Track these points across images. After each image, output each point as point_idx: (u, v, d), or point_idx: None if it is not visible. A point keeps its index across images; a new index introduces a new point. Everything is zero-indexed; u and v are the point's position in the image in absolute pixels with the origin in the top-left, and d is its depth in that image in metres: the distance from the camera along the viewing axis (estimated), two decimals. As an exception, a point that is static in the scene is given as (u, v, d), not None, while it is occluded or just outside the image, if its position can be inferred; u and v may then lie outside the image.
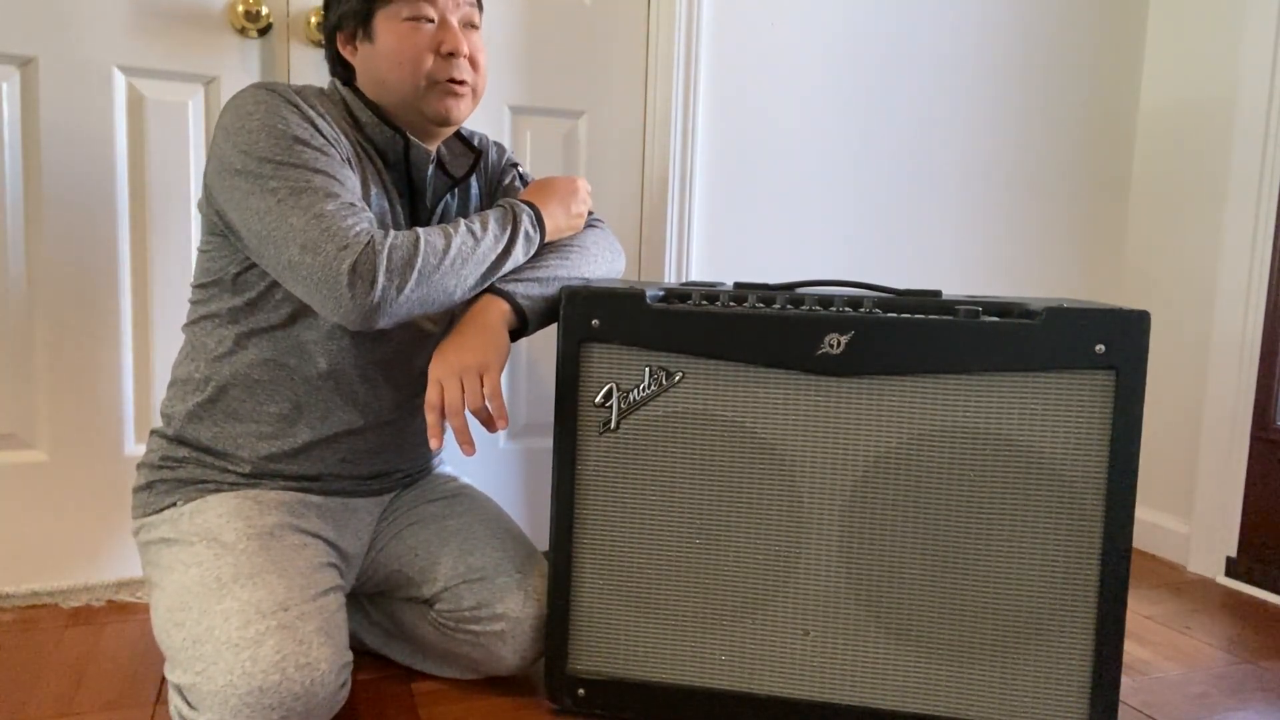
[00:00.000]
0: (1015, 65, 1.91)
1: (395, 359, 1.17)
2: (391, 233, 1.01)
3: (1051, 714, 1.04)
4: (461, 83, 1.12)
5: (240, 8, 1.42)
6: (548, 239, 1.17)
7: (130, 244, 1.43)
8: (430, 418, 1.04)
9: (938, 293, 1.12)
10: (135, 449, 1.46)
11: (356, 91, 1.14)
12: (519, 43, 1.62)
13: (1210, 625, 1.55)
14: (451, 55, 1.10)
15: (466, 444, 1.03)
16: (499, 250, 1.09)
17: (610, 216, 1.72)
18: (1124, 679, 1.32)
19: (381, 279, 0.97)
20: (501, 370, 1.06)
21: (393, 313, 1.00)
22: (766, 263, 1.77)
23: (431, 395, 1.04)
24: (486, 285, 1.10)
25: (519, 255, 1.12)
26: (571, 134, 1.68)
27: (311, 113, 1.06)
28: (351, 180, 1.05)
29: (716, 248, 1.72)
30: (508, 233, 1.10)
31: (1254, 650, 1.45)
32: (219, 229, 1.09)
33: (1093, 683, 1.03)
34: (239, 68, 1.45)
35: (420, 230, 1.03)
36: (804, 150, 1.77)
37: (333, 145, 1.05)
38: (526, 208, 1.13)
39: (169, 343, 1.47)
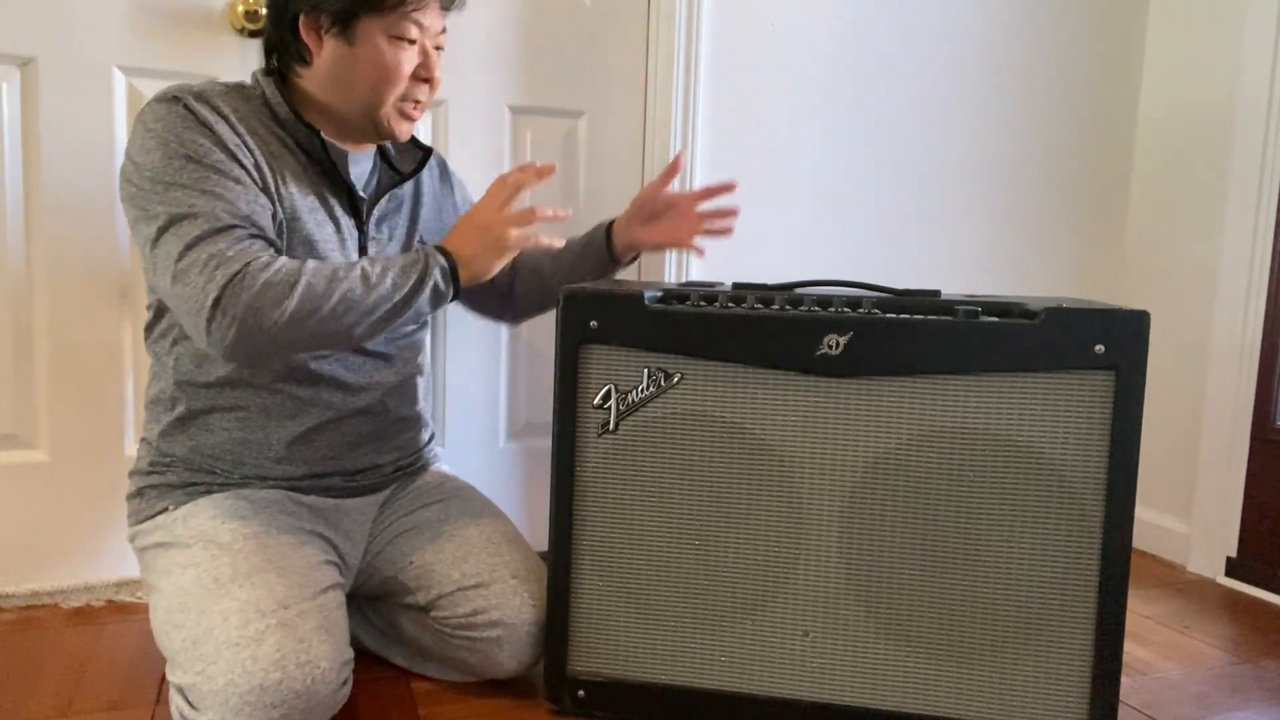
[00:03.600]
0: (1016, 65, 1.91)
1: (348, 352, 1.17)
2: (271, 267, 0.96)
3: (1051, 714, 1.04)
4: (421, 104, 1.13)
5: (240, 8, 1.42)
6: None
7: (130, 244, 1.43)
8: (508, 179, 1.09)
9: (937, 293, 1.12)
10: (135, 449, 1.46)
11: (280, 86, 1.12)
12: (519, 43, 1.62)
13: (1210, 625, 1.55)
14: (426, 81, 1.11)
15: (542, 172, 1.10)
16: (395, 300, 1.02)
17: (610, 216, 1.71)
18: (1124, 679, 1.32)
19: (243, 316, 0.94)
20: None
21: (257, 350, 0.97)
22: (766, 263, 1.77)
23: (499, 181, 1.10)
24: (392, 328, 1.05)
25: (424, 307, 1.06)
26: (571, 134, 1.68)
27: (212, 117, 1.02)
28: (246, 197, 1.01)
29: (716, 248, 1.72)
30: (410, 283, 1.04)
31: (1254, 650, 1.45)
32: None
33: (1093, 683, 1.03)
34: (239, 68, 1.45)
35: (309, 267, 0.98)
36: (803, 150, 1.77)
37: (234, 157, 1.02)
38: (442, 260, 1.06)
39: (169, 343, 1.47)
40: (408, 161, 1.26)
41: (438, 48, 1.13)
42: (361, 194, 1.17)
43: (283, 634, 0.95)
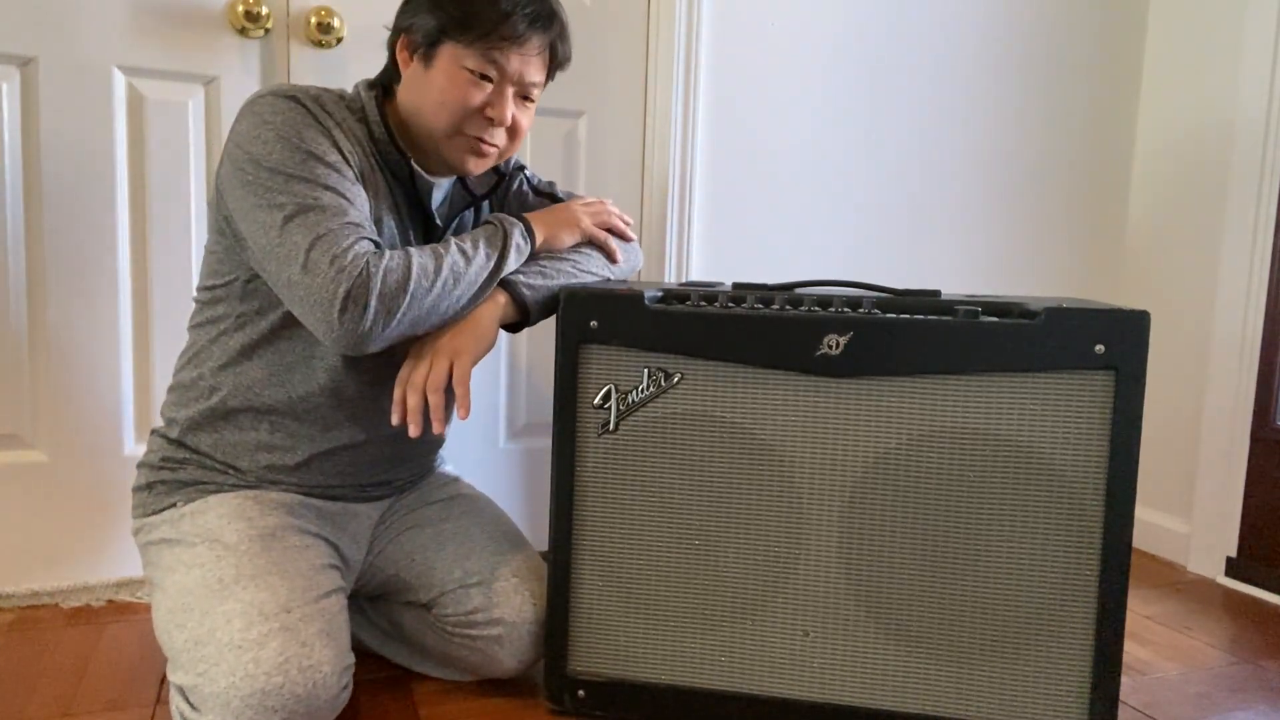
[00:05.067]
0: (1016, 63, 1.91)
1: (396, 375, 1.16)
2: (387, 255, 0.99)
3: (1051, 714, 1.04)
4: (492, 145, 1.12)
5: (240, 8, 1.42)
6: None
7: (130, 244, 1.43)
8: (396, 392, 1.07)
9: (937, 293, 1.12)
10: (135, 449, 1.46)
11: (379, 103, 1.12)
12: (519, 43, 1.61)
13: (1210, 625, 1.55)
14: (493, 121, 1.09)
15: (414, 423, 1.05)
16: (490, 268, 1.08)
17: (610, 216, 1.72)
18: (1124, 679, 1.32)
19: (374, 305, 0.97)
20: (477, 359, 1.08)
21: (384, 338, 1.00)
22: (766, 263, 1.77)
23: (403, 370, 1.07)
24: (489, 293, 1.09)
25: (510, 268, 1.11)
26: (571, 134, 1.68)
27: (330, 123, 1.05)
28: (361, 198, 1.05)
29: (716, 248, 1.72)
30: (498, 249, 1.08)
31: (1254, 650, 1.45)
32: (228, 233, 1.08)
33: (1093, 683, 1.03)
34: (239, 68, 1.45)
35: (413, 252, 1.02)
36: (804, 150, 1.77)
37: (347, 161, 1.04)
38: (518, 222, 1.12)
39: (169, 343, 1.47)
40: (483, 184, 1.26)
41: (524, 96, 1.12)
42: (439, 223, 1.18)
43: (285, 638, 0.95)
